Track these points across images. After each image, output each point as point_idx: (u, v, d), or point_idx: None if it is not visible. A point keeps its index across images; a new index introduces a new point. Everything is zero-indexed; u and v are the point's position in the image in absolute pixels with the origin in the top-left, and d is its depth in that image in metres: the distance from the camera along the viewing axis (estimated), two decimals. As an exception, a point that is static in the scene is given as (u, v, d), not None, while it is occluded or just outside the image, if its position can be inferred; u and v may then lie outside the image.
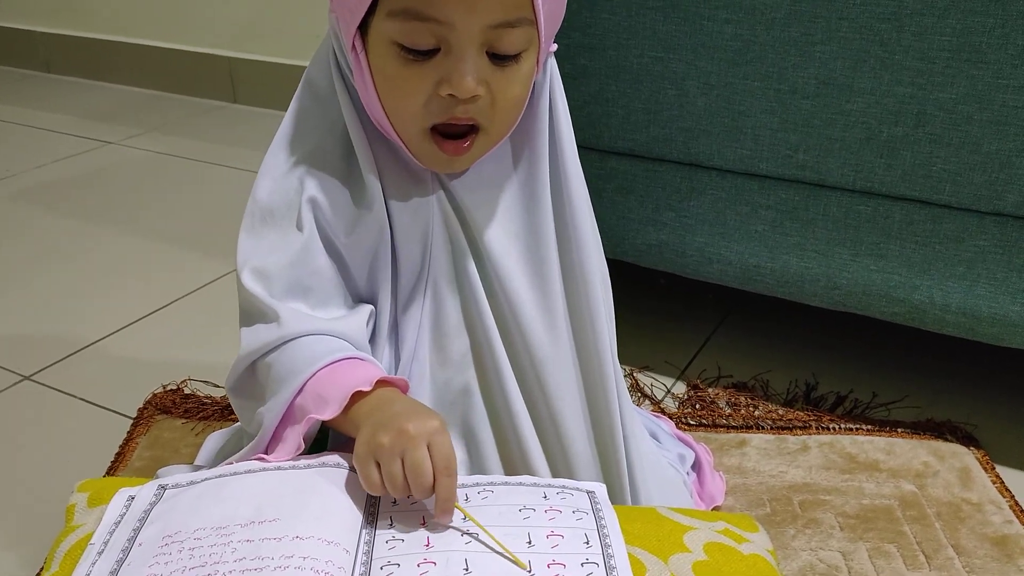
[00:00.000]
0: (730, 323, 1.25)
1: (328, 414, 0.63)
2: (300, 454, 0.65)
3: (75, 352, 1.20)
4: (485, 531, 0.59)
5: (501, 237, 0.71)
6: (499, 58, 0.63)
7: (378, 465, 0.60)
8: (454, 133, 0.66)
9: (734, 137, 0.97)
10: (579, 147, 0.69)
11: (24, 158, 1.93)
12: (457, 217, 0.71)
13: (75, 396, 1.11)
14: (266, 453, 0.66)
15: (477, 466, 0.72)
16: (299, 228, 0.68)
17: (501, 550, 0.58)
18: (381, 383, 0.65)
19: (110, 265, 1.46)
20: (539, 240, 0.72)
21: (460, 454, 0.72)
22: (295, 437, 0.64)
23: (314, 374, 0.64)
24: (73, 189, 1.78)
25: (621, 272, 0.87)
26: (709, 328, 1.24)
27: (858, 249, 0.96)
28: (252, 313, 0.69)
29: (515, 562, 0.57)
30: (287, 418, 0.65)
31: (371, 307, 0.71)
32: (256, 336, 0.68)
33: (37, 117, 2.22)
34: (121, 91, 2.45)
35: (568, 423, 0.73)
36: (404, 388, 0.68)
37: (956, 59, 0.84)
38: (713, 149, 0.99)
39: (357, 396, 0.63)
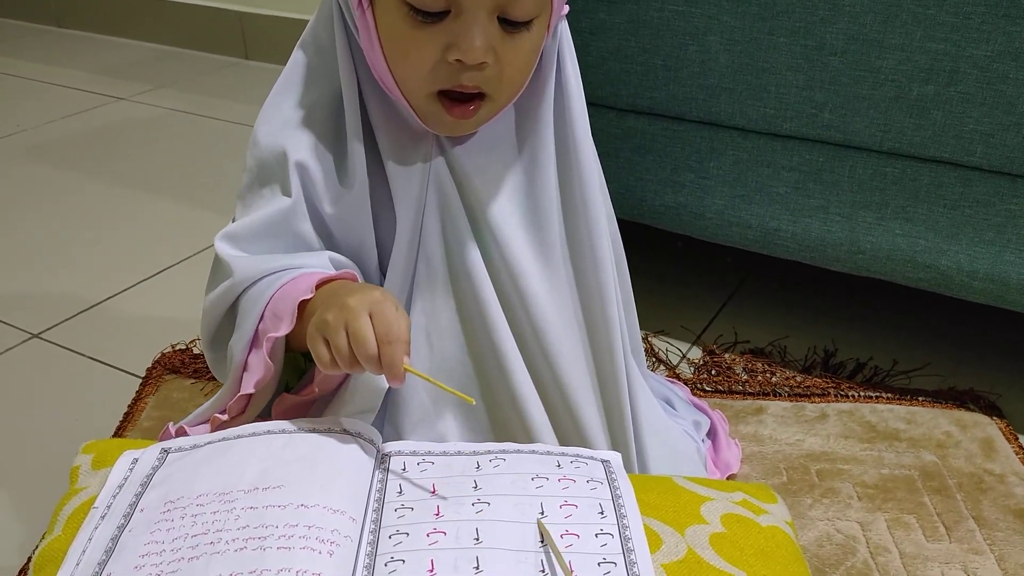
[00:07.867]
0: (748, 287, 1.23)
1: (284, 329, 0.63)
2: (274, 375, 0.65)
3: (84, 310, 1.19)
4: (435, 383, 0.61)
5: (502, 203, 0.69)
6: (510, 24, 0.61)
7: (327, 343, 0.59)
8: (461, 97, 0.64)
9: (757, 95, 0.94)
10: (596, 105, 0.67)
11: (35, 114, 1.92)
12: (454, 181, 0.69)
13: (84, 355, 1.10)
14: (240, 385, 0.65)
15: (473, 435, 0.71)
16: (285, 193, 0.67)
17: (451, 394, 0.61)
18: (323, 283, 0.64)
19: (120, 222, 1.44)
20: (540, 207, 0.70)
21: (454, 422, 0.71)
22: (259, 360, 0.64)
23: (270, 299, 0.64)
24: (83, 145, 1.76)
25: (637, 234, 0.85)
26: (726, 292, 1.22)
27: (883, 212, 0.93)
28: (216, 271, 0.69)
29: (464, 399, 0.60)
30: (253, 347, 0.65)
31: (336, 255, 0.70)
32: (215, 293, 0.68)
33: (48, 72, 2.20)
34: (133, 47, 2.42)
35: (577, 392, 0.71)
36: (352, 279, 0.67)
37: (993, 14, 0.81)
38: (735, 108, 0.96)
39: (304, 305, 0.63)
